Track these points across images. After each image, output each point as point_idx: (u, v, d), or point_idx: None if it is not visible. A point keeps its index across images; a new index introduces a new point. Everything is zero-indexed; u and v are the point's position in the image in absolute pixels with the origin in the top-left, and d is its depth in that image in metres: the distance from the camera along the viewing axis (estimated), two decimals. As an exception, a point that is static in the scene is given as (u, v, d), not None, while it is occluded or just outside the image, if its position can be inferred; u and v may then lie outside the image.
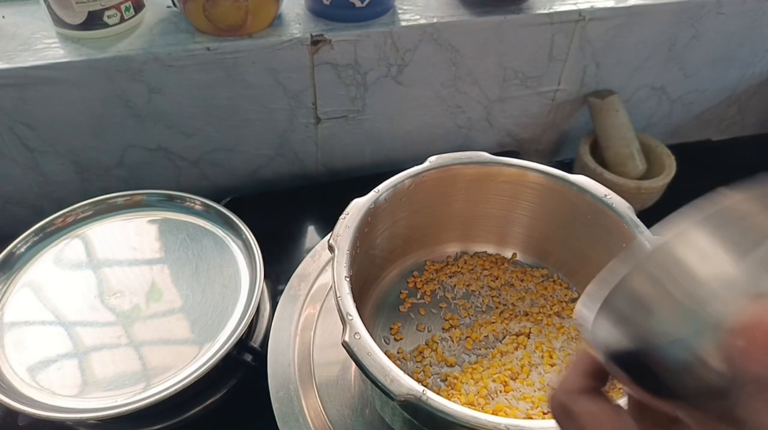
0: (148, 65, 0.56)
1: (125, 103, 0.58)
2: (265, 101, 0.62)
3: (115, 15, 0.55)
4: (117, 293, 0.49)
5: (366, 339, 0.34)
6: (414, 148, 0.73)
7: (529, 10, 0.63)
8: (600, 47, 0.68)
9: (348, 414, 0.44)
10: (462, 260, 0.55)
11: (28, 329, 0.47)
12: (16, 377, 0.43)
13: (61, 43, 0.55)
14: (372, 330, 0.50)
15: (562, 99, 0.73)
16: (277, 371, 0.45)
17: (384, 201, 0.45)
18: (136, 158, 0.63)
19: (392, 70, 0.64)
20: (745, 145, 0.84)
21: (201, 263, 0.52)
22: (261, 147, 0.67)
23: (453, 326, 0.50)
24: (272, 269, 0.55)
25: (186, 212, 0.56)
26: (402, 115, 0.69)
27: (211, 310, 0.48)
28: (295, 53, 0.59)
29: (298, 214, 0.69)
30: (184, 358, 0.45)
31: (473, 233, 0.55)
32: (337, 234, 0.41)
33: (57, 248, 0.53)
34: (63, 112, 0.57)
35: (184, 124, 0.62)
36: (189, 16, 0.56)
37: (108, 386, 0.43)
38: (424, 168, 0.48)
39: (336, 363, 0.47)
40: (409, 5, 0.63)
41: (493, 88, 0.69)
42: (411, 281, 0.54)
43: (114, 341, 0.46)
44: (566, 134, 0.79)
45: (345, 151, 0.71)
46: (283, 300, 0.50)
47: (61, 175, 0.62)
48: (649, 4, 0.65)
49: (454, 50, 0.64)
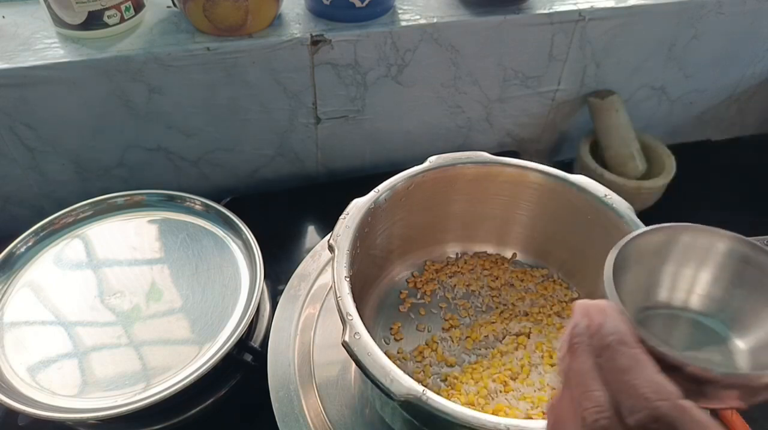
0: (148, 65, 0.56)
1: (125, 103, 0.58)
2: (265, 101, 0.62)
3: (115, 15, 0.55)
4: (117, 293, 0.49)
5: (366, 339, 0.34)
6: (414, 148, 0.73)
7: (529, 10, 0.63)
8: (600, 47, 0.68)
9: (348, 414, 0.44)
10: (462, 260, 0.55)
11: (28, 329, 0.47)
12: (16, 377, 0.43)
13: (61, 43, 0.55)
14: (372, 330, 0.50)
15: (562, 99, 0.73)
16: (277, 371, 0.45)
17: (384, 201, 0.45)
18: (136, 158, 0.63)
19: (392, 70, 0.64)
20: (745, 145, 0.84)
21: (201, 263, 0.52)
22: (261, 147, 0.67)
23: (453, 326, 0.50)
24: (272, 269, 0.55)
25: (186, 212, 0.56)
26: (402, 115, 0.69)
27: (211, 310, 0.48)
28: (295, 53, 0.59)
29: (298, 214, 0.69)
30: (184, 358, 0.45)
31: (473, 233, 0.55)
32: (337, 234, 0.41)
33: (57, 248, 0.53)
34: (63, 112, 0.57)
35: (184, 124, 0.62)
36: (189, 16, 0.56)
37: (108, 386, 0.43)
38: (424, 168, 0.48)
39: (336, 363, 0.47)
40: (409, 5, 0.63)
41: (493, 88, 0.69)
42: (411, 281, 0.54)
43: (114, 341, 0.46)
44: (566, 134, 0.79)
45: (345, 151, 0.71)
46: (283, 300, 0.50)
47: (61, 175, 0.62)
48: (649, 4, 0.65)
49: (454, 50, 0.64)
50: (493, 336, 0.49)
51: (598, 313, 0.24)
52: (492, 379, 0.45)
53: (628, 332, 0.23)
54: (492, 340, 0.49)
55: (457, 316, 0.51)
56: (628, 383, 0.21)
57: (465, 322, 0.51)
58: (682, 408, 0.21)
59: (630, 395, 0.21)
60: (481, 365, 0.47)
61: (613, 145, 0.69)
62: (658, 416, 0.20)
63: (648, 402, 0.21)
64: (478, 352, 0.48)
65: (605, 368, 0.22)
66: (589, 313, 0.24)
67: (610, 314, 0.23)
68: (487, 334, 0.49)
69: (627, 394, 0.21)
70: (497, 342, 0.49)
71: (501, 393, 0.45)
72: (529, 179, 0.49)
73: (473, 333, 0.49)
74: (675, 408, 0.20)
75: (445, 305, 0.52)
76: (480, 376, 0.46)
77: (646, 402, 0.21)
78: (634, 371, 0.22)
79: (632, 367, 0.22)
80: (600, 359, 0.23)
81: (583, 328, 0.24)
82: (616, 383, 0.22)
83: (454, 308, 0.52)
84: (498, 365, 0.47)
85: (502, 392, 0.45)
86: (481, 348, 0.49)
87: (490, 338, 0.49)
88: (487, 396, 0.44)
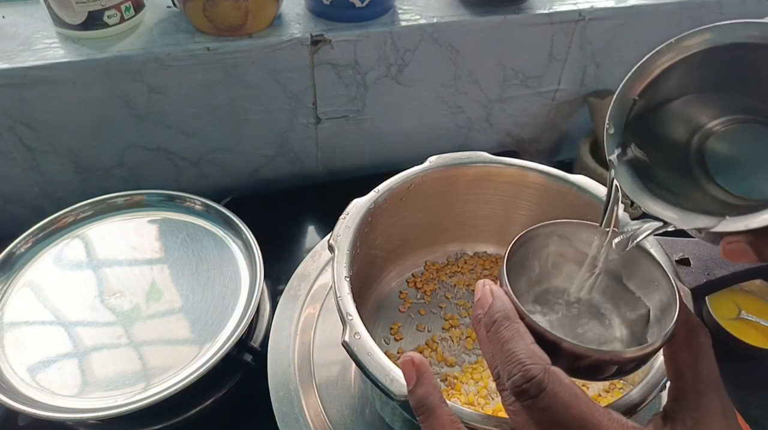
0: (148, 65, 0.55)
1: (125, 103, 0.58)
2: (265, 101, 0.62)
3: (115, 15, 0.55)
4: (117, 293, 0.49)
5: (366, 339, 0.34)
6: (414, 148, 0.73)
7: (529, 10, 0.63)
8: (600, 47, 0.68)
9: (348, 414, 0.44)
10: (462, 260, 0.55)
11: (28, 329, 0.47)
12: (16, 377, 0.43)
13: (61, 43, 0.55)
14: (372, 330, 0.50)
15: (562, 99, 0.73)
16: (277, 371, 0.45)
17: (384, 201, 0.45)
18: (136, 158, 0.63)
19: (392, 70, 0.64)
20: (745, 145, 0.84)
21: (201, 263, 0.52)
22: (261, 147, 0.67)
23: (453, 326, 0.50)
24: (272, 269, 0.55)
25: (186, 212, 0.56)
26: (402, 115, 0.69)
27: (211, 310, 0.48)
28: (295, 53, 0.59)
29: (298, 214, 0.69)
30: (184, 358, 0.45)
31: (473, 233, 0.55)
32: (337, 234, 0.41)
33: (57, 248, 0.53)
34: (63, 112, 0.57)
35: (184, 124, 0.62)
36: (189, 16, 0.56)
37: (108, 386, 0.43)
38: (424, 168, 0.48)
39: (336, 363, 0.47)
40: (409, 5, 0.63)
41: (493, 88, 0.69)
42: (411, 281, 0.54)
43: (114, 341, 0.46)
44: (566, 134, 0.79)
45: (345, 151, 0.71)
46: (283, 300, 0.50)
47: (61, 175, 0.62)
48: (649, 4, 0.65)
49: (454, 50, 0.64)
50: (493, 336, 0.49)
51: (490, 294, 0.28)
52: (492, 379, 0.45)
53: (512, 311, 0.27)
54: (492, 340, 0.49)
55: (457, 316, 0.51)
56: (508, 351, 0.25)
57: (465, 322, 0.51)
58: (551, 371, 0.24)
59: (509, 361, 0.25)
60: (481, 365, 0.47)
61: (613, 145, 0.69)
62: (530, 377, 0.24)
63: (522, 365, 0.24)
64: (478, 352, 0.48)
65: (492, 340, 0.26)
66: (484, 294, 0.28)
67: (498, 296, 0.27)
68: (487, 334, 0.49)
69: (507, 360, 0.25)
70: (497, 342, 0.49)
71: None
72: (529, 179, 0.49)
73: (473, 333, 0.49)
74: (545, 371, 0.24)
75: (445, 305, 0.52)
76: (480, 376, 0.46)
77: (521, 365, 0.24)
78: (514, 341, 0.25)
79: (513, 337, 0.25)
80: (489, 333, 0.27)
81: (480, 305, 0.28)
82: (500, 352, 0.25)
83: (454, 308, 0.52)
84: (498, 365, 0.47)
85: (502, 392, 0.45)
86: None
87: (490, 338, 0.49)
88: (487, 396, 0.44)
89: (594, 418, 0.23)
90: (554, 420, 0.23)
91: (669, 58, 0.27)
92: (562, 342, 0.26)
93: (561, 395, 0.23)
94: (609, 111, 0.28)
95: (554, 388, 0.23)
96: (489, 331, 0.27)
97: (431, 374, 0.29)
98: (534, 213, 0.51)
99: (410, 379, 0.29)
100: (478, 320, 0.28)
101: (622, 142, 0.28)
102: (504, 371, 0.25)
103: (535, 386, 0.23)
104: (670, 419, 0.26)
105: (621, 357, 0.27)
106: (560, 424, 0.23)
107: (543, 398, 0.23)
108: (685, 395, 0.27)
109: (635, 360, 0.27)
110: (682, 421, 0.26)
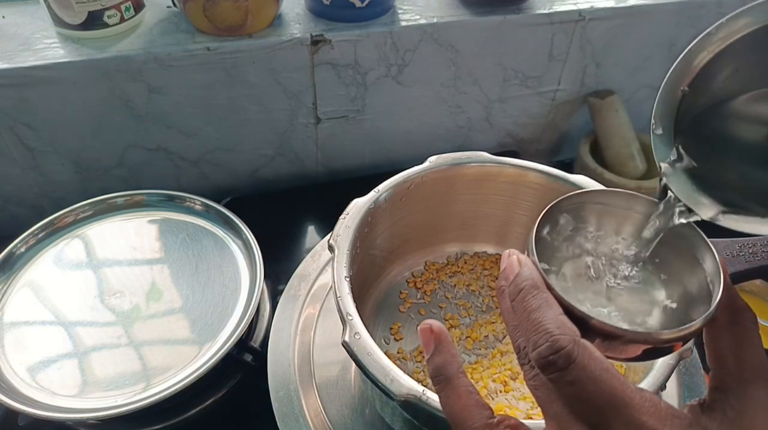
0: (148, 65, 0.56)
1: (125, 103, 0.58)
2: (265, 101, 0.62)
3: (115, 15, 0.55)
4: (117, 293, 0.49)
5: (366, 339, 0.34)
6: (414, 148, 0.73)
7: (529, 10, 0.63)
8: (600, 47, 0.68)
9: (348, 414, 0.44)
10: (462, 260, 0.55)
11: (28, 329, 0.47)
12: (16, 377, 0.43)
13: (61, 43, 0.55)
14: (372, 330, 0.50)
15: (562, 99, 0.73)
16: (277, 371, 0.45)
17: (384, 201, 0.45)
18: (136, 158, 0.63)
19: (392, 70, 0.64)
20: (745, 145, 0.84)
21: (201, 263, 0.52)
22: (261, 147, 0.67)
23: (453, 326, 0.50)
24: (272, 269, 0.55)
25: (186, 212, 0.56)
26: (402, 115, 0.69)
27: (211, 310, 0.48)
28: (295, 53, 0.59)
29: (298, 214, 0.69)
30: (184, 358, 0.45)
31: (473, 233, 0.55)
32: (337, 234, 0.41)
33: (57, 248, 0.53)
34: (63, 112, 0.57)
35: (184, 124, 0.62)
36: (189, 16, 0.56)
37: (108, 386, 0.43)
38: (424, 168, 0.48)
39: (336, 363, 0.47)
40: (409, 5, 0.63)
41: (493, 88, 0.69)
42: (411, 281, 0.54)
43: (114, 341, 0.46)
44: (566, 134, 0.79)
45: (345, 151, 0.71)
46: (283, 300, 0.50)
47: (61, 175, 0.62)
48: (649, 4, 0.65)
49: (454, 50, 0.64)
50: (493, 336, 0.49)
51: (517, 263, 0.26)
52: (492, 379, 0.45)
53: (540, 280, 0.25)
54: (492, 340, 0.49)
55: (457, 316, 0.51)
56: (535, 320, 0.23)
57: (465, 322, 0.51)
58: (581, 343, 0.22)
59: (535, 330, 0.23)
60: (481, 365, 0.47)
61: (613, 145, 0.69)
62: (558, 348, 0.22)
63: (550, 335, 0.22)
64: (478, 352, 0.48)
65: (517, 310, 0.25)
66: (511, 263, 0.26)
67: (526, 264, 0.26)
68: (487, 334, 0.49)
69: (533, 330, 0.23)
70: (497, 342, 0.49)
71: (501, 393, 0.45)
72: (529, 179, 0.49)
73: (473, 333, 0.49)
74: (575, 343, 0.22)
75: (445, 305, 0.52)
76: (480, 376, 0.46)
77: (548, 335, 0.22)
78: (542, 310, 0.23)
79: (540, 306, 0.24)
80: (514, 303, 0.25)
81: (505, 276, 0.26)
82: (525, 322, 0.24)
83: (454, 308, 0.52)
84: (498, 365, 0.47)
85: (502, 392, 0.45)
86: (481, 348, 0.49)
87: (490, 338, 0.49)
88: (487, 396, 0.44)
89: (626, 395, 0.21)
90: (581, 395, 0.22)
91: (718, 44, 0.24)
92: (591, 319, 0.24)
93: (591, 368, 0.22)
94: (654, 109, 0.25)
95: (584, 361, 0.22)
96: (514, 300, 0.25)
97: (450, 343, 0.27)
98: (534, 213, 0.51)
99: (428, 347, 0.27)
100: (502, 291, 0.26)
101: (674, 143, 0.25)
102: (530, 342, 0.23)
103: (564, 357, 0.22)
104: (710, 409, 0.24)
105: (656, 338, 0.24)
106: (587, 400, 0.22)
107: (571, 370, 0.22)
108: (727, 385, 0.24)
109: (670, 342, 0.25)
110: (723, 412, 0.23)
